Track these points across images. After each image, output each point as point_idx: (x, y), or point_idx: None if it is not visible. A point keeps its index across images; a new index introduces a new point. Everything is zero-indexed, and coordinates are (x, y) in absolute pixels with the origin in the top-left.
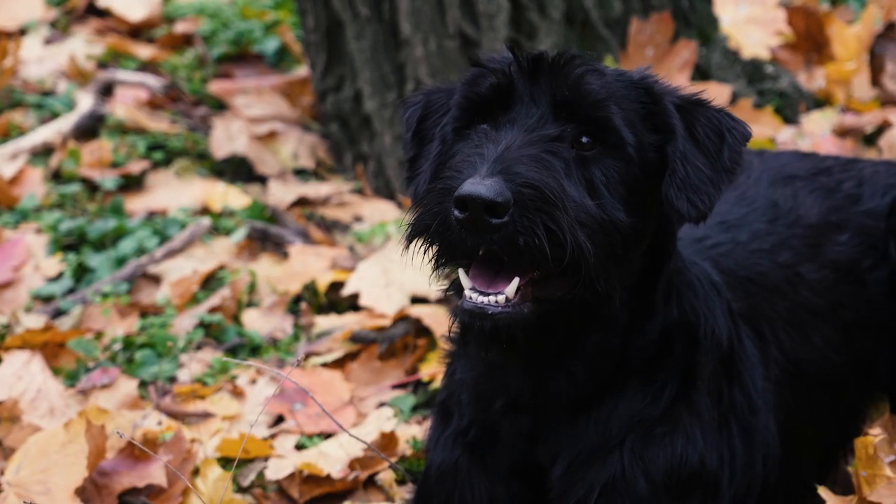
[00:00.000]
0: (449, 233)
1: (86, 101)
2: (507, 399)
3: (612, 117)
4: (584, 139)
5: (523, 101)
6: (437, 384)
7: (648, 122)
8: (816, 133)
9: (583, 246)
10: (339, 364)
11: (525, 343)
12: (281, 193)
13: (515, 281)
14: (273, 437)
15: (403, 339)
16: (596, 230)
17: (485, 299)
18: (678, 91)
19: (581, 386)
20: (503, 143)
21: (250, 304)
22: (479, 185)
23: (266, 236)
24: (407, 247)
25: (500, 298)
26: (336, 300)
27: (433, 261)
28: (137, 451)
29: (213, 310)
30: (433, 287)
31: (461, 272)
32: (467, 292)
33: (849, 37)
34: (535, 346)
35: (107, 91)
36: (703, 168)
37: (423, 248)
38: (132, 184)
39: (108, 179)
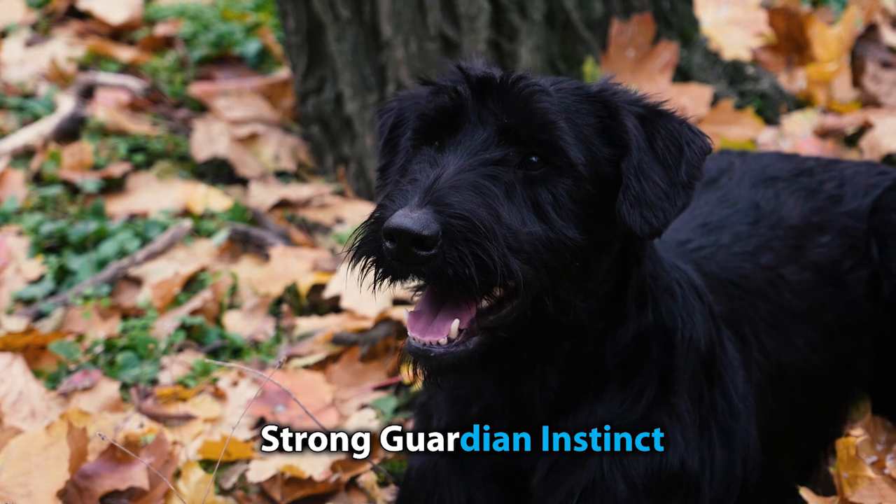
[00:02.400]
0: (383, 261)
1: (67, 104)
2: (482, 405)
3: (560, 138)
4: (534, 159)
5: (471, 122)
6: (418, 386)
7: (605, 137)
8: (797, 134)
9: (515, 272)
10: (320, 366)
11: (476, 372)
12: (262, 195)
13: (455, 323)
14: (255, 439)
15: (385, 340)
16: (538, 252)
17: (427, 340)
18: (642, 100)
19: (555, 392)
20: (440, 169)
21: (232, 307)
22: (406, 217)
23: (247, 238)
24: (352, 269)
25: (442, 340)
26: (317, 302)
27: (375, 282)
28: (119, 454)
29: (194, 312)
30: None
31: (404, 312)
32: (410, 333)
33: (830, 38)
34: (492, 368)
35: (88, 93)
36: (659, 183)
37: (364, 272)
38: (113, 186)
39: (90, 182)
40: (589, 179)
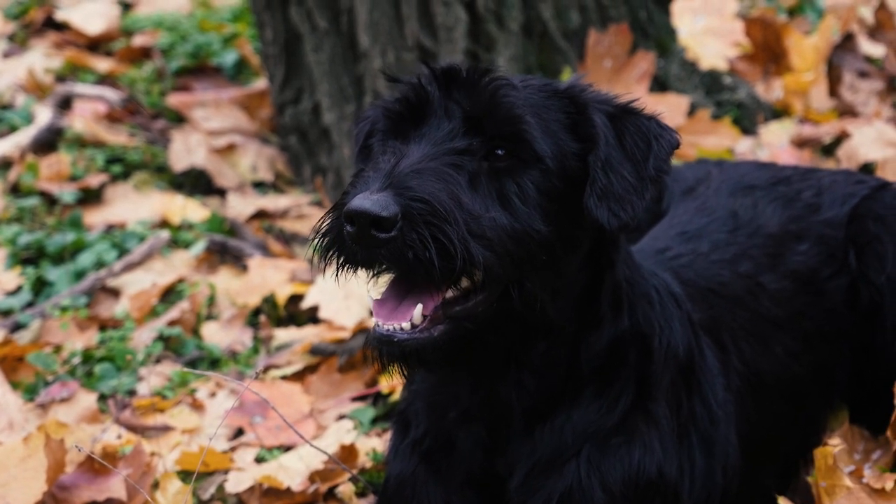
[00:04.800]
0: (344, 246)
1: (44, 115)
2: (459, 409)
3: (527, 130)
4: (500, 151)
5: (436, 115)
6: (396, 396)
7: (573, 132)
8: (775, 144)
9: (476, 258)
10: (298, 377)
11: (441, 363)
12: (240, 206)
13: (419, 308)
14: (233, 449)
15: (363, 351)
16: (502, 241)
17: (390, 326)
18: (612, 100)
19: (532, 396)
20: (403, 157)
21: (209, 317)
22: (365, 199)
23: (225, 249)
24: (316, 259)
25: (406, 325)
26: (295, 313)
27: (338, 271)
28: (97, 465)
29: (172, 323)
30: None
31: (370, 299)
32: (374, 318)
33: (806, 48)
34: (461, 362)
35: (65, 104)
36: (627, 177)
37: (327, 260)
38: (91, 197)
39: (67, 193)
40: (556, 173)
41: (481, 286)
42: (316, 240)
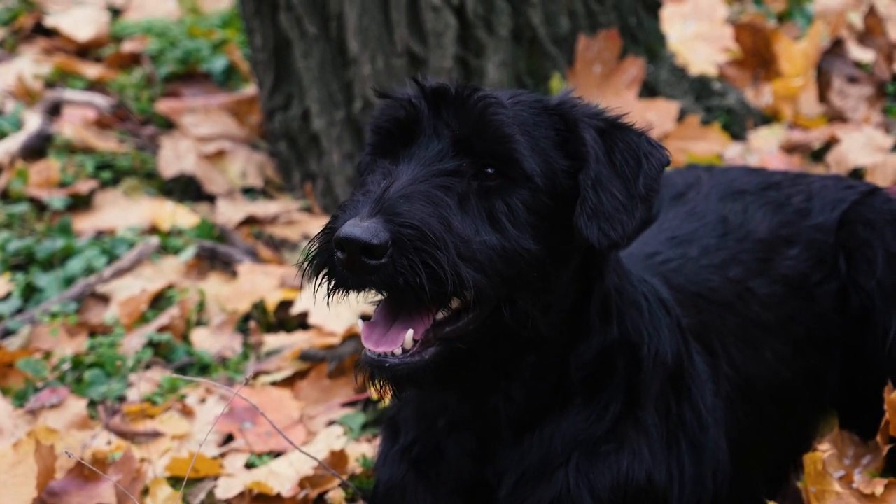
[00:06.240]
0: (335, 271)
1: (33, 121)
2: (448, 418)
3: (516, 149)
4: (489, 170)
5: (425, 134)
6: (386, 402)
7: (563, 149)
8: (764, 149)
9: (466, 281)
10: (288, 382)
11: (434, 384)
12: (229, 212)
13: (409, 333)
14: (223, 455)
15: (353, 357)
16: (493, 262)
17: (381, 351)
18: (601, 114)
19: (520, 406)
20: (392, 180)
21: (199, 323)
22: (356, 227)
23: (215, 255)
24: (307, 282)
25: (397, 351)
26: (285, 319)
27: (329, 294)
28: (87, 471)
29: (161, 329)
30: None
31: (359, 323)
32: (365, 344)
33: (796, 53)
34: (453, 381)
35: (54, 110)
36: (617, 195)
37: (318, 283)
38: (80, 203)
39: (57, 199)
40: (545, 191)
41: (472, 306)
42: (306, 262)
